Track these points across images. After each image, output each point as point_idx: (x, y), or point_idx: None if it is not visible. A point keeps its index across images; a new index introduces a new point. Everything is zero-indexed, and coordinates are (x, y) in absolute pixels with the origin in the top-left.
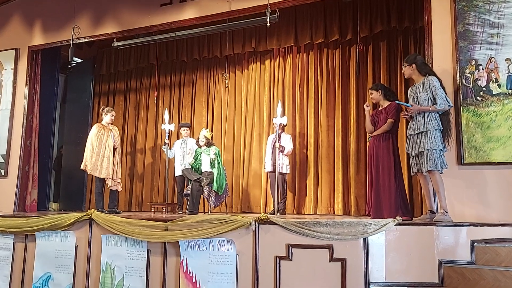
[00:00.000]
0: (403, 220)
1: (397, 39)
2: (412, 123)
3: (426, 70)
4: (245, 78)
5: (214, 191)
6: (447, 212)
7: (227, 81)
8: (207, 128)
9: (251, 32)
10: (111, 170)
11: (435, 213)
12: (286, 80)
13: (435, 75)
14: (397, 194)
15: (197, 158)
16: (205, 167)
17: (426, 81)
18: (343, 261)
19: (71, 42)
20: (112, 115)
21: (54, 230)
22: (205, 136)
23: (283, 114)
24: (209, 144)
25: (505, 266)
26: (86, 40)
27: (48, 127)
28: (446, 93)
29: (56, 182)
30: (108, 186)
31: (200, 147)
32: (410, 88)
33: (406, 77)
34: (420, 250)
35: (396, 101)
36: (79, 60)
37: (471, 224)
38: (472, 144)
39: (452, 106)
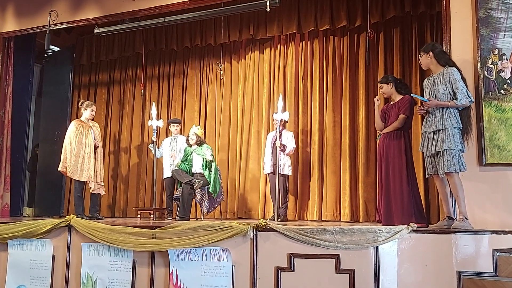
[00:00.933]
0: (417, 227)
1: (412, 26)
2: (428, 119)
3: (445, 59)
4: (242, 68)
5: (211, 192)
6: (466, 219)
7: (222, 72)
8: (198, 125)
9: (249, 18)
10: (92, 172)
11: (453, 220)
12: (287, 71)
13: (455, 65)
14: (409, 198)
15: (186, 159)
16: (197, 168)
17: (446, 72)
18: (351, 272)
19: (48, 29)
20: (92, 110)
21: (28, 238)
22: (195, 134)
23: (284, 109)
24: (200, 142)
25: None
26: (65, 26)
27: (22, 124)
28: (467, 87)
29: (31, 185)
30: (91, 189)
31: (190, 146)
32: (426, 79)
33: (423, 68)
34: (437, 260)
35: (411, 94)
36: (56, 49)
37: (493, 232)
38: (495, 142)
39: (473, 102)
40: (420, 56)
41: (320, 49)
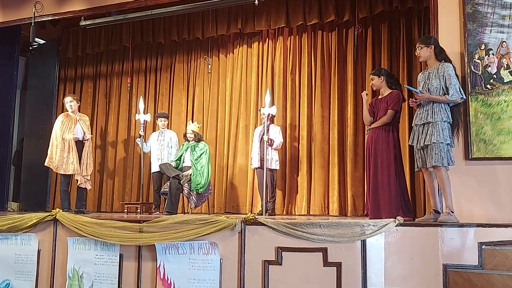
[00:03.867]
0: (404, 220)
1: (400, 21)
2: (419, 112)
3: (443, 55)
4: (230, 63)
5: (194, 189)
6: (453, 212)
7: (209, 66)
8: (195, 121)
9: (237, 11)
10: (77, 164)
11: (439, 213)
12: (276, 66)
13: (450, 61)
14: (397, 192)
15: (181, 154)
16: (187, 162)
17: (441, 67)
18: (338, 265)
19: (33, 21)
20: (67, 102)
21: (13, 232)
22: (193, 132)
23: (272, 103)
24: (198, 139)
25: None
26: (50, 18)
27: (7, 117)
28: (460, 84)
29: (16, 179)
30: (78, 183)
31: (188, 141)
32: (421, 73)
33: (421, 60)
34: (423, 253)
35: (405, 86)
36: (42, 41)
37: (479, 225)
38: (481, 137)
39: (465, 99)
40: (420, 48)
41: (309, 44)
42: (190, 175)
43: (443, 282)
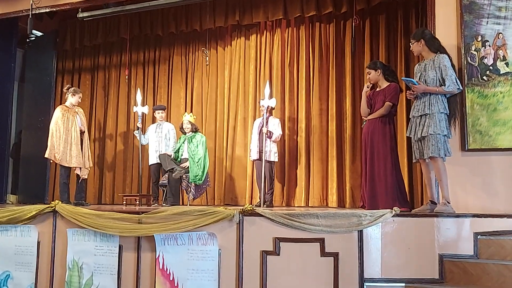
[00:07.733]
0: (401, 211)
1: (397, 13)
2: (416, 103)
3: (436, 46)
4: (228, 55)
5: (192, 181)
6: (449, 203)
7: (207, 58)
8: (190, 112)
9: (235, 3)
10: (81, 158)
11: (436, 204)
12: (274, 58)
13: (445, 52)
14: (393, 183)
15: (180, 147)
16: (185, 154)
17: (437, 59)
18: (335, 255)
19: (30, 13)
20: (80, 97)
21: (13, 224)
22: (190, 122)
23: (271, 96)
24: (195, 130)
25: (510, 260)
26: (47, 10)
27: (5, 110)
28: (456, 75)
29: (15, 172)
30: (81, 175)
31: (185, 133)
32: (417, 65)
33: (415, 54)
34: (420, 243)
35: (402, 78)
36: (39, 34)
37: (474, 215)
38: (477, 128)
39: (461, 90)
40: (411, 43)
41: (306, 36)
42: (188, 167)
43: (439, 271)
